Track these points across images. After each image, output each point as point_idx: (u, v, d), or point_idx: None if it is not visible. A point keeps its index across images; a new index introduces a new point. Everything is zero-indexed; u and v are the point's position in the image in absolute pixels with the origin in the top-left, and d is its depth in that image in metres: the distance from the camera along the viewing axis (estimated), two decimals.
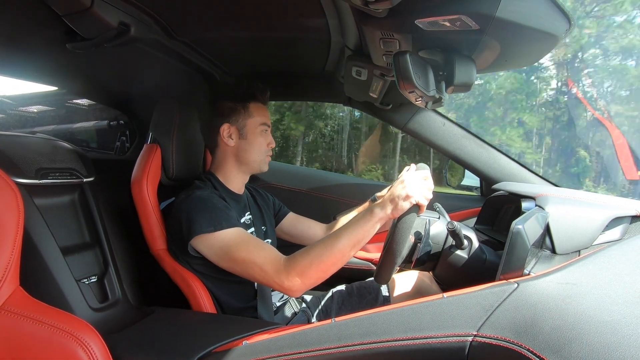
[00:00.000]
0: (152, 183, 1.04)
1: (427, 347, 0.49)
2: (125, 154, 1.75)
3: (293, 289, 0.82)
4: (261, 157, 1.07)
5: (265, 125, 1.07)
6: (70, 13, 0.82)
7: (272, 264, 0.83)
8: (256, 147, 1.06)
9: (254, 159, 1.06)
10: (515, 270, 0.56)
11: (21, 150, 0.89)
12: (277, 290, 0.86)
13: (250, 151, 1.05)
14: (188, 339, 0.77)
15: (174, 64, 1.22)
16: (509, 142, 6.83)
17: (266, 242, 0.91)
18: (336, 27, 0.94)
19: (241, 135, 1.05)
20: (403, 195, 0.79)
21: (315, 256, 0.81)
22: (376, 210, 0.81)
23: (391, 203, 0.80)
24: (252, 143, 1.05)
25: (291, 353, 0.60)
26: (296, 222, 1.25)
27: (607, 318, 0.41)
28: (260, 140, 1.06)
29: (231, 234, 0.88)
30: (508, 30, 0.62)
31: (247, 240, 0.89)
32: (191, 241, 0.90)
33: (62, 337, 0.66)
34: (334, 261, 0.81)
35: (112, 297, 0.94)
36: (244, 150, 1.05)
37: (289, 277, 0.81)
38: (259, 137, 1.06)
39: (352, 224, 0.83)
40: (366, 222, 0.81)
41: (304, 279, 0.81)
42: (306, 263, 0.81)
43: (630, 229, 0.76)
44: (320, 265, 0.81)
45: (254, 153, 1.06)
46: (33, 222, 0.82)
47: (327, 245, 0.81)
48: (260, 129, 1.06)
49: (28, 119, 2.08)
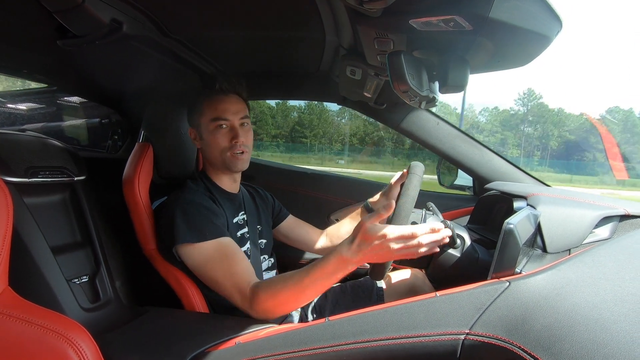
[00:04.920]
0: (144, 182, 1.03)
1: (420, 345, 0.49)
2: (117, 152, 1.74)
3: (258, 317, 0.82)
4: (223, 157, 0.99)
5: (218, 121, 0.97)
6: (61, 9, 0.81)
7: (239, 292, 0.83)
8: (213, 147, 0.98)
9: (217, 159, 1.00)
10: (507, 269, 0.56)
11: (10, 148, 0.87)
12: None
13: (209, 152, 1.00)
14: (181, 339, 0.76)
15: (167, 62, 1.21)
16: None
17: (243, 260, 0.88)
18: (331, 26, 0.94)
19: (200, 137, 1.01)
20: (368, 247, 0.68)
21: (283, 298, 0.79)
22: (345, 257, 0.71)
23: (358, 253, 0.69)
24: (209, 143, 0.99)
25: (284, 352, 0.60)
26: (295, 226, 1.25)
27: (597, 316, 0.41)
28: (216, 138, 0.97)
29: (210, 248, 0.87)
30: (501, 31, 0.63)
31: (222, 257, 0.87)
32: (174, 248, 0.90)
33: (52, 337, 0.65)
34: (300, 303, 0.81)
35: (104, 297, 0.93)
36: (205, 151, 1.02)
37: (253, 309, 0.81)
38: (213, 135, 0.97)
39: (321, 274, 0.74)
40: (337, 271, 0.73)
41: (268, 313, 0.81)
42: (272, 301, 0.80)
43: (619, 228, 0.77)
44: (285, 306, 0.82)
45: (214, 153, 0.99)
46: (23, 221, 0.81)
47: (296, 291, 0.77)
48: (213, 126, 0.97)
49: (17, 116, 2.05)
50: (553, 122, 19.39)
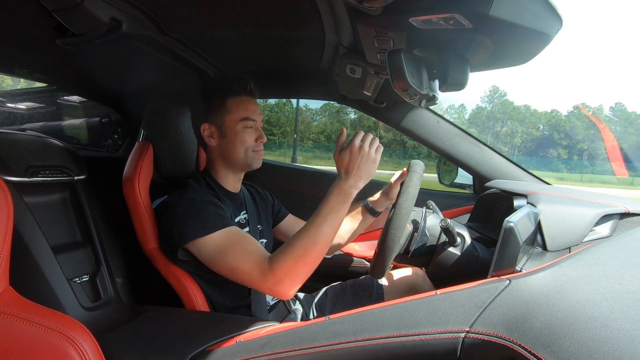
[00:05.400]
0: (144, 181, 1.03)
1: (421, 343, 0.49)
2: (117, 151, 1.74)
3: (283, 291, 0.80)
4: (247, 154, 1.02)
5: (247, 121, 1.01)
6: (60, 8, 0.80)
7: (258, 268, 0.81)
8: (238, 145, 1.00)
9: (239, 157, 1.02)
10: (507, 267, 0.56)
11: (10, 147, 0.87)
12: (268, 294, 0.86)
13: (233, 149, 1.01)
14: (181, 337, 0.76)
15: (166, 61, 1.20)
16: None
17: (255, 241, 0.89)
18: (330, 24, 0.93)
19: (221, 134, 1.01)
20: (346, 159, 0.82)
21: (301, 252, 0.79)
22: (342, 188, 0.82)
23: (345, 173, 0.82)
24: (234, 141, 1.01)
25: (285, 351, 0.60)
26: (294, 225, 1.25)
27: (597, 313, 0.41)
28: (243, 137, 1.00)
29: (220, 237, 0.87)
30: (501, 28, 0.62)
31: (234, 242, 0.87)
32: (184, 246, 0.89)
33: (53, 336, 0.65)
34: (320, 252, 0.80)
35: (105, 296, 0.93)
36: (226, 149, 1.02)
37: (276, 280, 0.79)
38: (241, 134, 1.00)
39: (328, 210, 0.81)
40: (341, 202, 0.82)
41: (292, 277, 0.79)
42: (292, 262, 0.79)
43: (619, 225, 0.77)
44: (308, 259, 0.79)
45: (238, 151, 1.01)
46: (23, 220, 0.81)
47: (310, 237, 0.79)
48: (242, 125, 1.00)
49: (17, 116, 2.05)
50: (518, 119, 19.39)
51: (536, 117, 19.52)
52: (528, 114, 19.50)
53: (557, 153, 17.82)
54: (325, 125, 16.91)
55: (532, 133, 18.72)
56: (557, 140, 18.50)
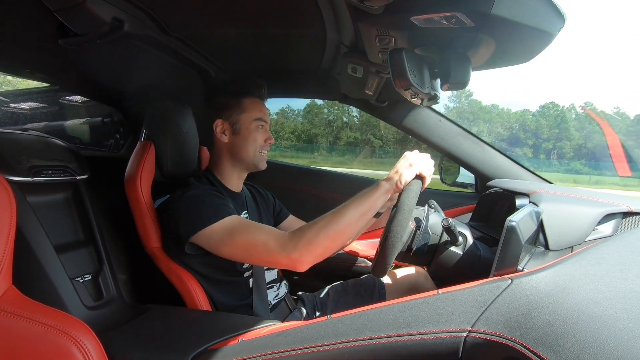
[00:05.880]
0: (146, 180, 1.03)
1: (422, 343, 0.49)
2: (119, 151, 1.74)
3: (301, 259, 0.79)
4: (256, 154, 1.05)
5: (260, 121, 1.05)
6: (62, 8, 0.81)
7: (276, 239, 0.82)
8: (250, 143, 1.03)
9: (249, 155, 1.04)
10: (509, 266, 0.56)
11: (13, 147, 0.88)
12: (283, 266, 0.84)
13: (244, 147, 1.04)
14: (183, 337, 0.76)
15: (168, 61, 1.21)
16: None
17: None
18: (332, 23, 0.93)
19: (234, 131, 1.03)
20: (406, 165, 0.84)
21: (323, 225, 0.80)
22: (382, 183, 0.85)
23: (396, 174, 0.84)
24: (246, 139, 1.03)
25: (287, 350, 0.60)
26: (295, 226, 1.23)
27: (599, 313, 0.41)
28: (255, 136, 1.04)
29: (229, 222, 0.87)
30: (503, 27, 0.62)
31: (246, 224, 0.88)
32: (191, 239, 0.89)
33: (56, 335, 0.66)
34: (341, 230, 0.80)
35: (107, 296, 0.93)
36: (237, 146, 1.04)
37: (296, 248, 0.79)
38: (254, 133, 1.04)
39: (358, 196, 0.84)
40: (372, 193, 0.84)
41: (312, 247, 0.79)
42: (313, 232, 0.80)
43: (622, 225, 0.77)
44: (328, 233, 0.79)
45: (248, 149, 1.04)
46: (26, 220, 0.82)
47: (335, 214, 0.81)
48: (255, 125, 1.04)
49: (20, 116, 2.06)
50: (484, 119, 19.26)
51: (503, 117, 19.38)
52: (495, 114, 19.42)
53: (522, 152, 17.71)
54: (296, 125, 17.13)
55: (500, 132, 18.60)
56: (523, 139, 18.39)
